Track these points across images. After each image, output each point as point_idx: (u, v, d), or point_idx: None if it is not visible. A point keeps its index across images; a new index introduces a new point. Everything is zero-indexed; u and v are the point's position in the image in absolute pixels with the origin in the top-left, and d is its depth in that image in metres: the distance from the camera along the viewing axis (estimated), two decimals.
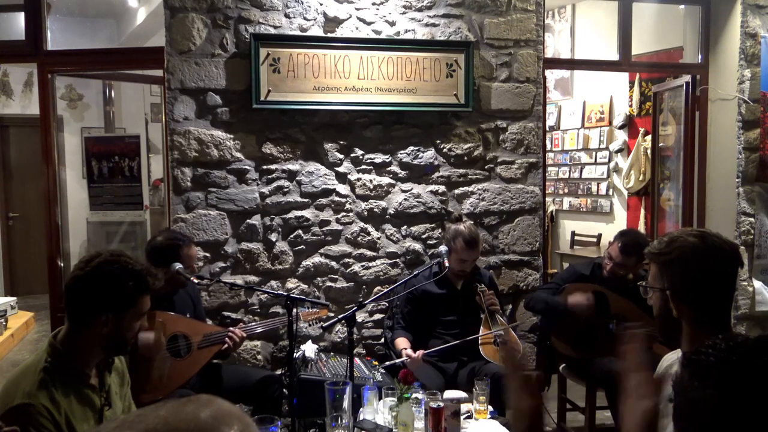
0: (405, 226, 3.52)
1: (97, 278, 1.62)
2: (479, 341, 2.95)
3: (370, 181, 3.47)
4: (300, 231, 3.42)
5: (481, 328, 2.99)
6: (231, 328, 2.84)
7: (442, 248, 2.97)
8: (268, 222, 3.38)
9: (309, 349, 3.14)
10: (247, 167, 3.34)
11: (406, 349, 2.94)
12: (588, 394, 3.12)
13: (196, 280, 3.05)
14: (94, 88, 6.73)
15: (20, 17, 3.46)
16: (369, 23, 3.41)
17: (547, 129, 5.62)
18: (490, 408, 2.43)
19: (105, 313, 1.62)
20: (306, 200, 3.41)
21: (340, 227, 3.46)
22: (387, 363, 3.04)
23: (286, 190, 3.39)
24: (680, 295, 1.49)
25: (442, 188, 3.54)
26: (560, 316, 3.09)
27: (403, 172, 3.50)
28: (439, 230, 3.53)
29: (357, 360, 3.16)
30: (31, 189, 6.91)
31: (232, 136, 3.32)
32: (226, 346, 2.80)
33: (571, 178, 6.95)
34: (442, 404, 2.17)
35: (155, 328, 2.61)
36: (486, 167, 3.59)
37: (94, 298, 1.62)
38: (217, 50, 3.27)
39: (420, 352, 2.89)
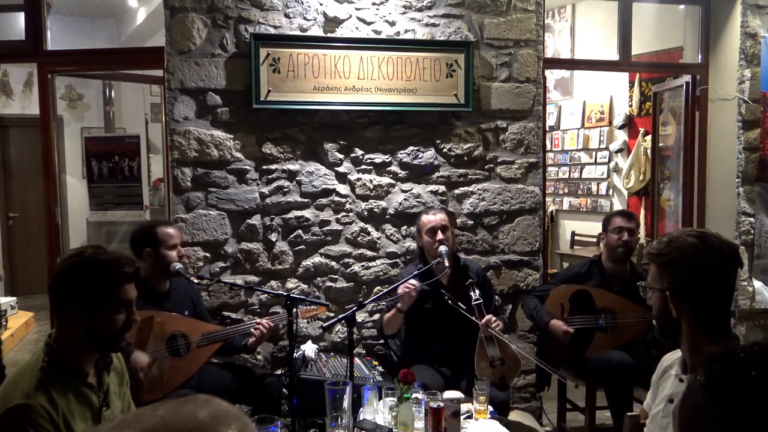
0: (405, 226, 3.52)
1: (66, 273, 1.63)
2: (475, 361, 2.88)
3: (370, 181, 3.47)
4: (300, 231, 3.42)
5: (477, 347, 2.90)
6: (258, 320, 2.89)
7: (442, 248, 2.96)
8: (268, 222, 3.38)
9: (309, 349, 3.15)
10: (247, 167, 3.34)
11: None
12: (588, 394, 3.12)
13: (196, 280, 3.06)
14: (94, 88, 6.74)
15: (20, 17, 3.46)
16: (369, 23, 3.41)
17: (547, 129, 5.62)
18: (490, 408, 2.43)
19: (77, 305, 1.61)
20: (306, 200, 3.41)
21: (340, 227, 3.46)
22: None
23: (286, 190, 3.39)
24: (680, 295, 1.49)
25: (442, 188, 3.54)
26: (544, 331, 3.18)
27: (403, 172, 3.50)
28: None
29: (357, 360, 3.16)
30: (31, 189, 6.92)
31: (232, 136, 3.32)
32: (253, 339, 2.84)
33: (571, 178, 6.95)
34: (442, 404, 2.17)
35: (153, 332, 2.62)
36: (486, 167, 3.59)
37: (65, 293, 1.63)
38: (217, 50, 3.27)
39: (416, 283, 2.86)
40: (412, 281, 2.87)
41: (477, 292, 2.94)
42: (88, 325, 1.63)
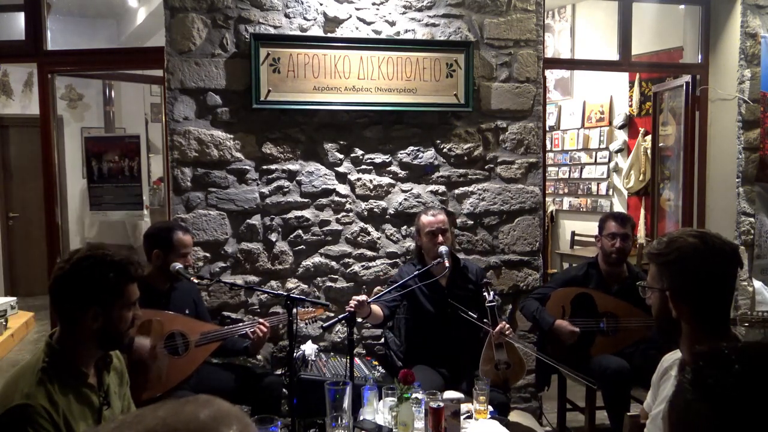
0: (405, 226, 3.52)
1: (78, 274, 1.62)
2: (480, 363, 2.87)
3: (370, 181, 3.47)
4: (300, 231, 3.42)
5: (484, 349, 2.88)
6: (259, 319, 2.87)
7: (443, 249, 2.95)
8: (268, 222, 3.38)
9: (309, 349, 3.14)
10: (247, 167, 3.34)
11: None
12: (588, 394, 3.12)
13: (196, 280, 3.06)
14: (94, 88, 6.73)
15: (20, 17, 3.46)
16: (369, 23, 3.41)
17: (547, 129, 5.62)
18: (490, 408, 2.43)
19: (91, 306, 1.62)
20: (306, 200, 3.41)
21: (340, 227, 3.46)
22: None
23: (286, 190, 3.39)
24: (680, 295, 1.49)
25: (442, 188, 3.54)
26: (546, 333, 3.15)
27: (403, 172, 3.50)
28: None
29: (357, 360, 3.16)
30: (31, 189, 6.91)
31: (232, 136, 3.32)
32: (250, 342, 2.84)
33: (571, 178, 6.95)
34: (442, 404, 2.17)
35: (151, 331, 2.62)
36: (486, 167, 3.59)
37: (78, 294, 1.62)
38: (217, 50, 3.27)
39: (365, 297, 2.69)
40: (359, 297, 2.67)
41: (492, 293, 2.90)
42: (103, 324, 1.64)
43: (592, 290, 3.15)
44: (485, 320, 2.87)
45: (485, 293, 2.90)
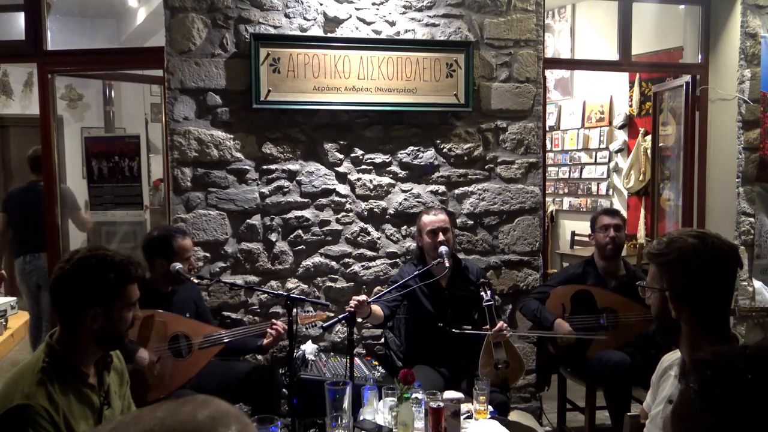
0: (405, 226, 3.52)
1: (79, 274, 1.62)
2: (479, 363, 2.87)
3: (370, 181, 3.47)
4: (300, 231, 3.42)
5: (483, 349, 2.89)
6: (274, 321, 2.89)
7: (443, 249, 2.96)
8: (268, 222, 3.38)
9: (309, 349, 3.14)
10: (247, 167, 3.34)
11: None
12: (588, 394, 3.12)
13: (196, 280, 3.05)
14: (94, 88, 6.74)
15: (20, 17, 3.46)
16: (369, 23, 3.41)
17: (547, 129, 5.62)
18: (490, 408, 2.43)
19: (92, 307, 1.62)
20: (306, 200, 3.41)
21: (340, 227, 3.46)
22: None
23: (286, 190, 3.39)
24: (679, 295, 1.49)
25: (442, 188, 3.54)
26: (547, 330, 3.15)
27: (403, 172, 3.50)
28: None
29: (357, 360, 3.16)
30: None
31: (232, 136, 3.32)
32: (270, 339, 2.85)
33: (571, 178, 6.94)
34: (442, 404, 2.16)
35: (156, 332, 2.62)
36: (486, 167, 3.59)
37: (79, 295, 1.62)
38: (217, 50, 3.27)
39: (365, 297, 2.70)
40: (359, 297, 2.68)
41: (489, 293, 2.91)
42: (103, 324, 1.64)
43: (591, 287, 3.16)
44: (485, 327, 2.88)
45: (482, 293, 2.91)
